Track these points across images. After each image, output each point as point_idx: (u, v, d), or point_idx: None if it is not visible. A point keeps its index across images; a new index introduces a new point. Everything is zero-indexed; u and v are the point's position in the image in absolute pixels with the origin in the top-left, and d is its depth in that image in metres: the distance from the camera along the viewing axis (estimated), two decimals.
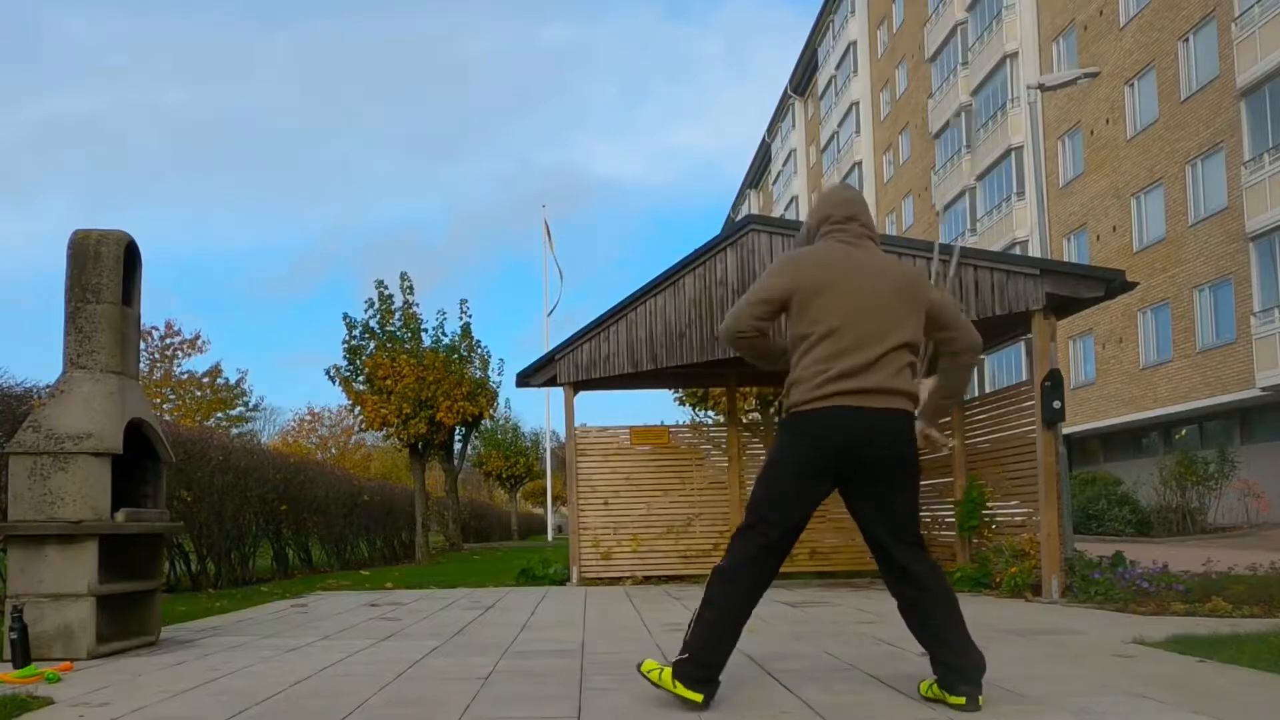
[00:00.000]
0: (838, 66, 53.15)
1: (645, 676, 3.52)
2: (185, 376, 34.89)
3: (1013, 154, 34.57)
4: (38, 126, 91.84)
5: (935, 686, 3.42)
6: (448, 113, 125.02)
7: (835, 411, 3.36)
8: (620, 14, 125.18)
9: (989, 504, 8.94)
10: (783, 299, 3.47)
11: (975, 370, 3.55)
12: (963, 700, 3.29)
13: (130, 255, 5.49)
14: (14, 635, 4.58)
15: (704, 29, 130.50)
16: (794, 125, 62.50)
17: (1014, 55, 34.55)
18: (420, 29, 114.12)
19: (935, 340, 3.61)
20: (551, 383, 10.24)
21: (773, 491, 3.48)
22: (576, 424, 10.37)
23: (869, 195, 49.70)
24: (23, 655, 4.53)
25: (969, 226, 37.78)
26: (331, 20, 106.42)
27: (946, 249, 8.52)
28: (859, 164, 50.67)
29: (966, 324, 3.63)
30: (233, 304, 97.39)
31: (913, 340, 3.45)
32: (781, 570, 3.59)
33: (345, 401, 19.29)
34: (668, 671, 3.44)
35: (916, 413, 3.53)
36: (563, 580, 10.32)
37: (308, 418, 45.25)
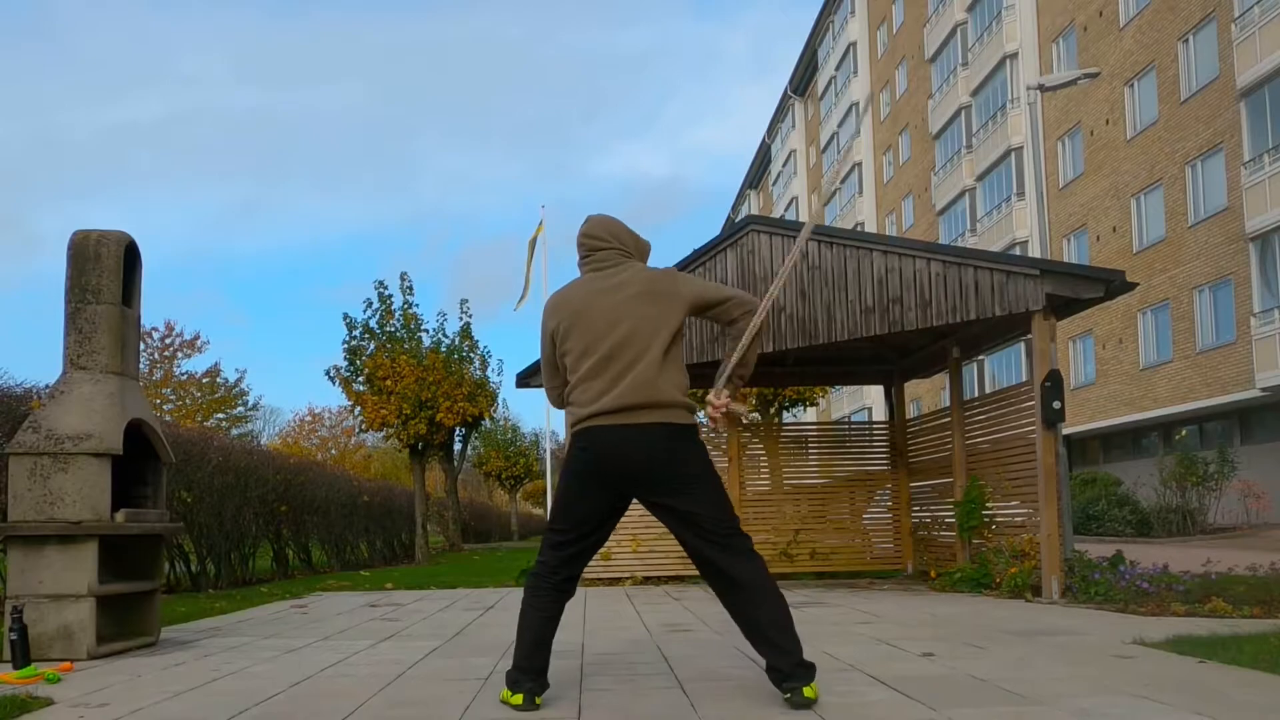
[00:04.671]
0: (838, 67, 53.15)
1: (504, 704, 3.56)
2: (185, 377, 34.91)
3: (1013, 154, 34.58)
4: (113, 130, 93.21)
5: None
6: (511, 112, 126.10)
7: (598, 431, 3.49)
8: (652, 17, 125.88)
9: (989, 504, 8.94)
10: (551, 348, 3.67)
11: (758, 333, 3.62)
12: (789, 696, 3.37)
13: (130, 256, 5.49)
14: (14, 636, 4.58)
15: (731, 29, 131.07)
16: (794, 126, 62.51)
17: (1014, 56, 34.56)
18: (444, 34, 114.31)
19: (714, 319, 3.70)
20: None
21: (559, 500, 3.65)
22: None
23: (869, 196, 49.77)
24: (23, 656, 4.53)
25: (969, 227, 37.79)
26: (334, 15, 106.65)
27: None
28: (859, 165, 50.68)
29: (732, 293, 3.68)
30: (294, 300, 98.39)
31: (668, 341, 3.52)
32: (781, 571, 3.62)
33: (345, 402, 19.29)
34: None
35: (713, 388, 3.65)
36: None
37: (308, 418, 45.33)
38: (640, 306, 3.52)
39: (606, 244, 3.70)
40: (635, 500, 3.63)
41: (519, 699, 3.47)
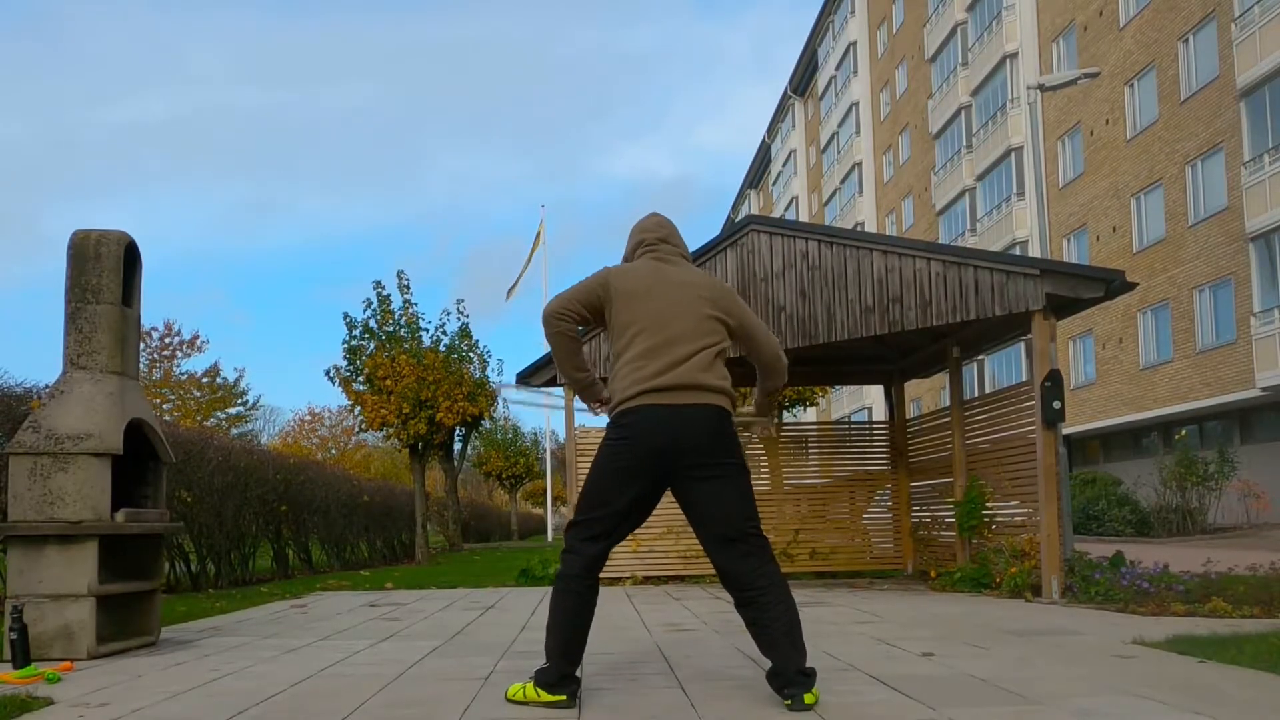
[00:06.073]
0: (838, 67, 53.16)
1: (513, 702, 3.56)
2: (185, 377, 34.91)
3: (1013, 154, 34.58)
4: (120, 130, 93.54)
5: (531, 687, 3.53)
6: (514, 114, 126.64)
7: (646, 410, 3.49)
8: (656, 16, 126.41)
9: (989, 504, 8.94)
10: (601, 295, 3.66)
11: (784, 374, 3.92)
12: (789, 703, 3.37)
13: (130, 255, 5.49)
14: (14, 635, 4.58)
15: (732, 28, 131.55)
16: (794, 126, 62.52)
17: (1014, 55, 34.56)
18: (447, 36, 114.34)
19: (745, 353, 3.84)
20: (552, 383, 10.23)
21: (593, 489, 3.59)
22: (576, 424, 10.36)
23: (869, 196, 49.80)
24: (23, 655, 4.53)
25: (969, 227, 37.80)
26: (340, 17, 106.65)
27: None
28: (859, 164, 50.68)
29: (768, 337, 3.83)
30: (299, 300, 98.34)
31: (722, 345, 3.66)
32: (781, 571, 3.62)
33: (345, 402, 19.28)
34: (529, 685, 3.54)
35: (751, 407, 3.78)
36: None
37: (308, 418, 45.34)
38: (704, 308, 3.63)
39: (671, 242, 3.83)
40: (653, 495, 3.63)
41: (562, 698, 3.47)
